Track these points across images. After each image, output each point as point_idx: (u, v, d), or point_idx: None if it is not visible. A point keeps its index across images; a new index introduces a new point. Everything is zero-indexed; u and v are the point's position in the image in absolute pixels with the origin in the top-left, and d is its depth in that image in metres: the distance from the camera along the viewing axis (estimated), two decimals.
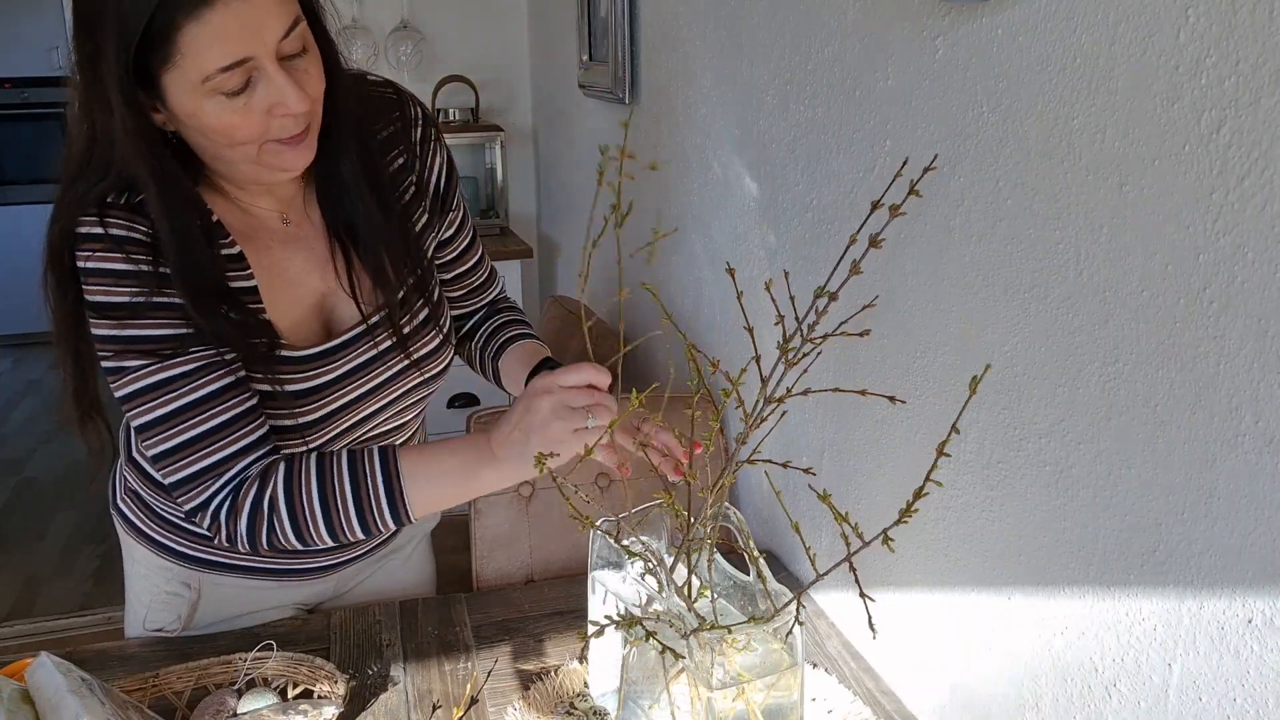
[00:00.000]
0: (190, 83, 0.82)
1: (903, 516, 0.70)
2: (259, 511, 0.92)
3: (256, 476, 0.93)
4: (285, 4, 0.84)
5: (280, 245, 1.01)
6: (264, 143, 0.88)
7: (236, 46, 0.81)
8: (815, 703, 1.02)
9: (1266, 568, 0.64)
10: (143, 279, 0.89)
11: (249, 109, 0.84)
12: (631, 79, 1.88)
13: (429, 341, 1.08)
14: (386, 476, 0.92)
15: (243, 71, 0.82)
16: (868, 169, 1.06)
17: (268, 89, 0.84)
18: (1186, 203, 0.67)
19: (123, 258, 0.88)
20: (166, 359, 0.90)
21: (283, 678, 1.01)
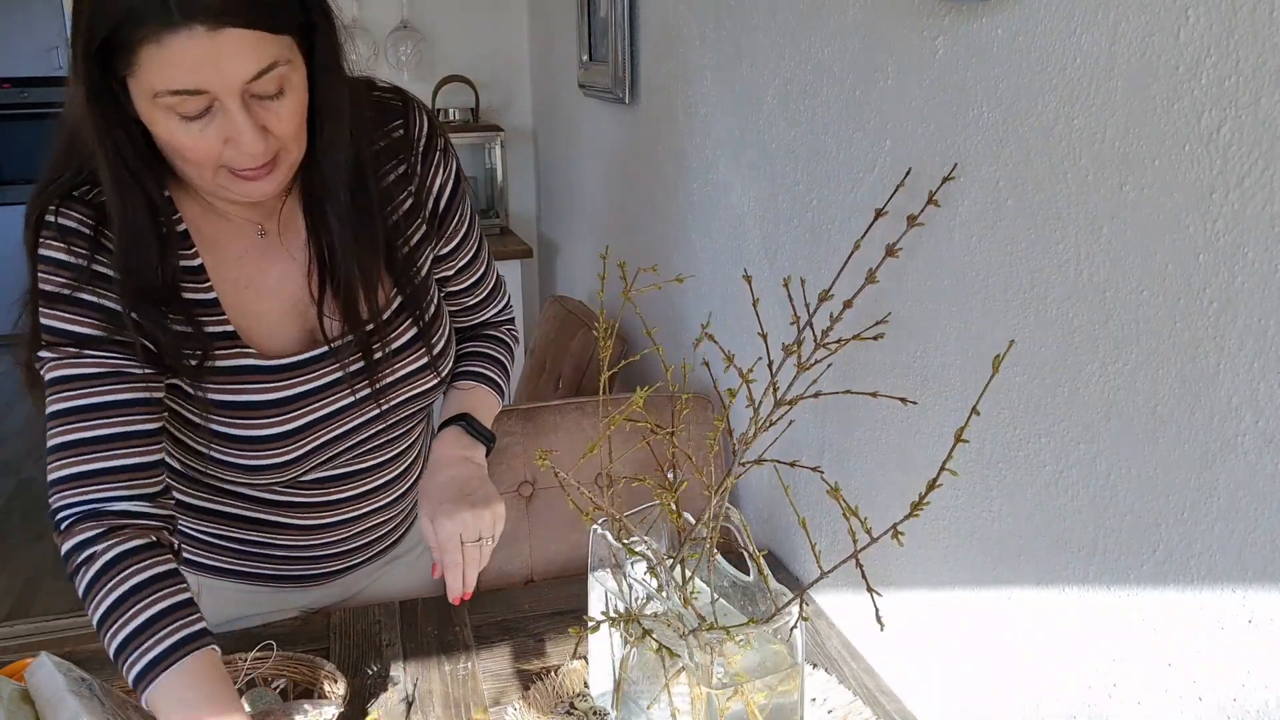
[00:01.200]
0: (145, 93, 0.80)
1: (914, 509, 0.70)
2: (79, 553, 0.87)
3: (105, 524, 0.87)
4: (260, 46, 0.79)
5: (256, 254, 0.98)
6: (220, 167, 0.85)
7: (194, 78, 0.78)
8: (815, 702, 1.02)
9: (1266, 568, 0.64)
10: (76, 272, 0.88)
11: (202, 135, 0.81)
12: (631, 79, 1.88)
13: (413, 361, 1.05)
14: (165, 654, 0.83)
15: (200, 101, 0.79)
16: (868, 169, 1.06)
17: (226, 123, 0.81)
18: (1186, 203, 0.67)
19: (64, 248, 0.88)
20: (70, 357, 0.88)
21: (283, 678, 1.01)
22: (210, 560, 1.13)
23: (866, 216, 1.07)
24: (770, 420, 0.79)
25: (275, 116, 0.83)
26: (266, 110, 0.83)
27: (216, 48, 0.77)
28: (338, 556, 1.15)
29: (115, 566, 0.86)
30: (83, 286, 0.88)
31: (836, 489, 0.75)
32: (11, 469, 3.61)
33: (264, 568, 1.13)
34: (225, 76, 0.78)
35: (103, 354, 0.89)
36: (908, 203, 1.00)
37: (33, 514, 3.27)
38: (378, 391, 1.03)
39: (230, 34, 0.77)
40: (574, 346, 2.06)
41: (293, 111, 0.85)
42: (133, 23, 0.76)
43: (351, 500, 1.11)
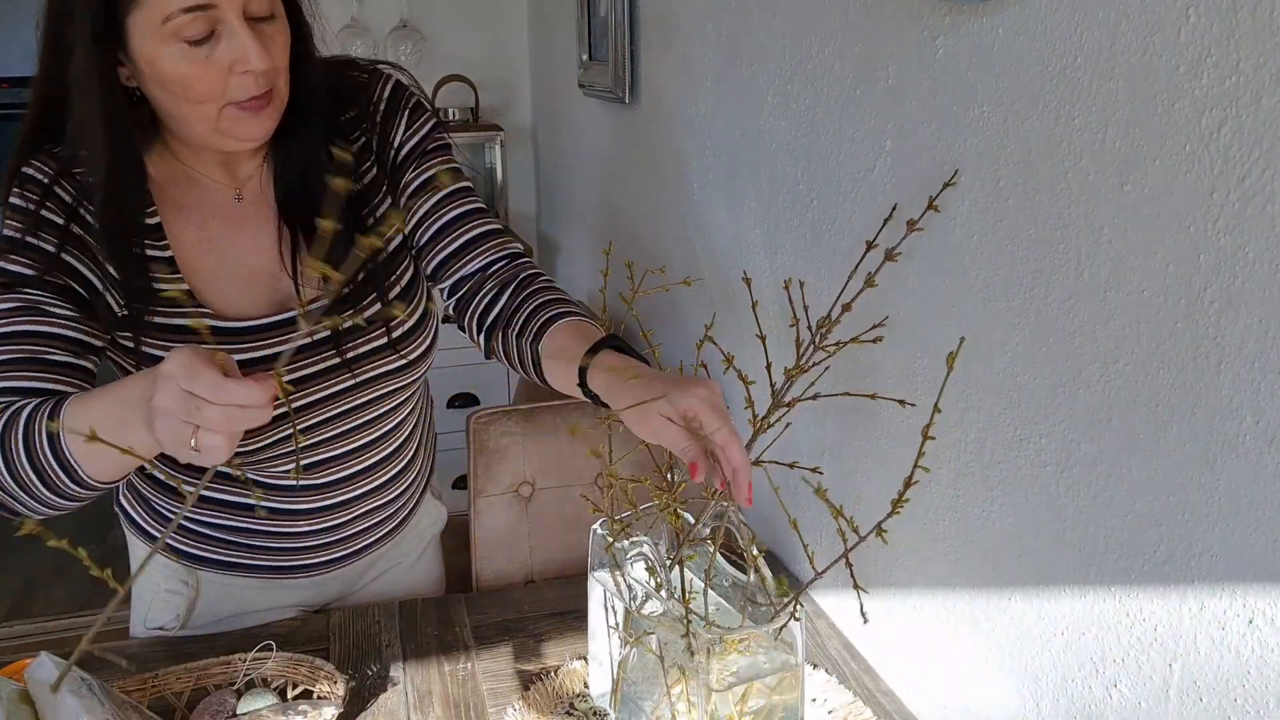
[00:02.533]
0: (153, 24, 0.83)
1: (895, 507, 0.70)
2: None
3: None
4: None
5: (224, 219, 1.00)
6: (223, 106, 0.88)
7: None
8: (815, 703, 1.02)
9: (1266, 568, 0.64)
10: (25, 215, 0.91)
11: (209, 62, 0.85)
12: (631, 79, 1.88)
13: (379, 336, 1.05)
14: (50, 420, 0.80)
15: (206, 20, 0.83)
16: (868, 169, 1.06)
17: (230, 43, 0.85)
18: (1187, 202, 0.67)
19: (19, 193, 0.92)
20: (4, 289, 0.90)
21: (282, 678, 1.01)
22: (208, 552, 1.13)
23: (866, 216, 1.08)
24: (769, 422, 0.79)
25: (271, 40, 0.88)
26: (262, 34, 0.87)
27: None
28: (333, 545, 1.15)
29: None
30: (29, 229, 0.91)
31: (821, 490, 0.75)
32: None
33: (260, 558, 1.13)
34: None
35: (27, 291, 0.90)
36: (908, 205, 1.00)
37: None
38: (347, 362, 1.03)
39: None
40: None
41: (285, 37, 0.90)
42: None
43: (342, 482, 1.11)
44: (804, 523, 1.23)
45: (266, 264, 1.01)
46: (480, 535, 1.40)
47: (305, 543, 1.13)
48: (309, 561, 1.15)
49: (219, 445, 0.70)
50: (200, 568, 1.14)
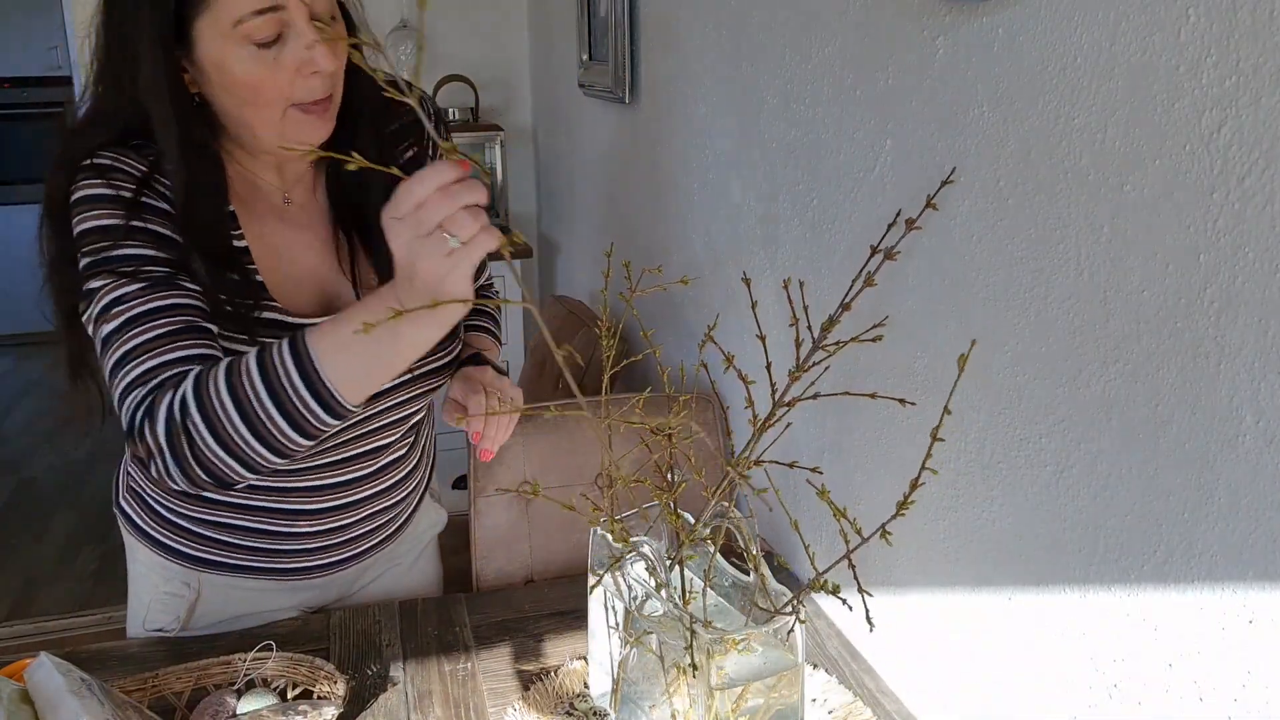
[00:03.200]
0: (222, 28, 0.84)
1: (900, 509, 0.70)
2: (172, 419, 0.81)
3: (169, 385, 0.84)
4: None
5: (278, 220, 1.02)
6: (287, 108, 0.89)
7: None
8: (815, 703, 1.02)
9: (1266, 568, 0.64)
10: (121, 204, 0.90)
11: (277, 64, 0.87)
12: (631, 79, 1.88)
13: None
14: (296, 356, 0.80)
15: (275, 21, 0.85)
16: (868, 169, 1.06)
17: (298, 45, 0.86)
18: (1187, 202, 0.67)
19: (103, 183, 0.90)
20: (123, 276, 0.88)
21: (282, 678, 1.01)
22: (210, 554, 1.13)
23: (866, 216, 1.08)
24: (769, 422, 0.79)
25: (333, 43, 0.89)
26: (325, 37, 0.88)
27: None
28: (336, 547, 1.15)
29: (201, 384, 0.82)
30: (136, 215, 0.90)
31: (824, 491, 0.75)
32: (11, 469, 3.61)
33: (262, 560, 1.13)
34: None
35: (156, 269, 0.89)
36: (908, 205, 1.00)
37: (33, 514, 3.27)
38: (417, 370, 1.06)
39: None
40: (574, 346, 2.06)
41: (342, 45, 0.90)
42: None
43: (353, 484, 1.11)
44: (804, 523, 1.23)
45: (315, 265, 1.03)
46: (480, 535, 1.39)
47: (308, 544, 1.13)
48: (310, 564, 1.15)
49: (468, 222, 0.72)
50: (202, 570, 1.14)
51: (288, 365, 0.80)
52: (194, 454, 0.81)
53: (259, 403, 0.80)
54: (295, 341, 0.81)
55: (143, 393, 0.84)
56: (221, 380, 0.81)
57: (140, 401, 0.84)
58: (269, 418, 0.80)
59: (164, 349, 0.85)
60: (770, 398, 0.80)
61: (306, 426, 0.81)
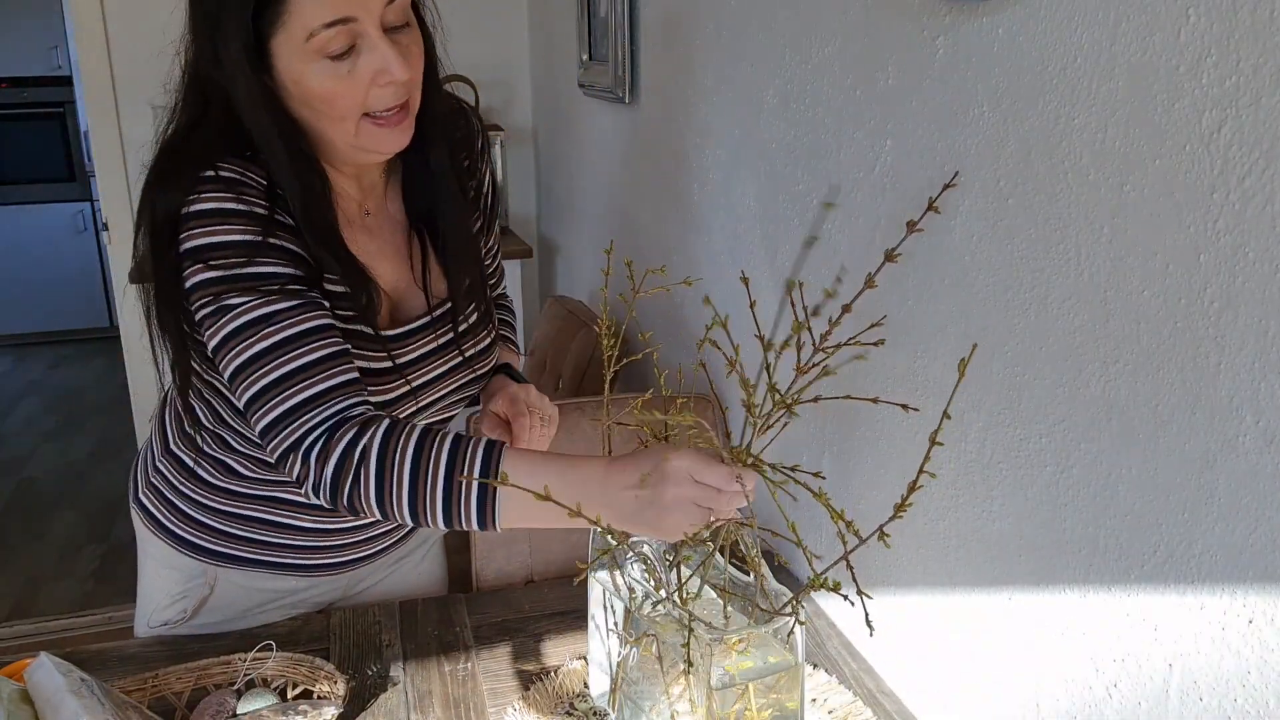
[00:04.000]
0: (297, 43, 0.85)
1: (897, 511, 0.70)
2: (349, 458, 0.85)
3: (357, 421, 0.87)
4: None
5: (356, 230, 1.02)
6: (362, 118, 0.90)
7: (341, 5, 0.84)
8: (815, 703, 1.02)
9: (1266, 568, 0.64)
10: (257, 220, 0.90)
11: (352, 76, 0.87)
12: (631, 79, 1.88)
13: (480, 340, 1.11)
14: (485, 473, 0.84)
15: (347, 34, 0.85)
16: (868, 169, 1.06)
17: (371, 56, 0.86)
18: (1187, 202, 0.67)
19: (234, 198, 0.90)
20: (268, 294, 0.89)
21: (282, 678, 1.01)
22: (228, 549, 1.12)
23: (866, 216, 1.08)
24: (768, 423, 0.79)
25: (407, 49, 0.89)
26: (398, 42, 0.88)
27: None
28: (353, 545, 1.16)
29: (389, 444, 0.85)
30: (271, 231, 0.90)
31: (822, 493, 0.75)
32: (11, 469, 3.61)
33: (279, 555, 1.13)
34: (369, 3, 0.85)
35: (297, 287, 0.91)
36: (908, 205, 1.00)
37: (33, 514, 3.27)
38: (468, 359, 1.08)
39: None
40: (574, 346, 2.06)
41: (419, 48, 0.91)
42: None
43: None
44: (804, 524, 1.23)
45: (391, 274, 1.04)
46: (480, 535, 1.39)
47: (324, 540, 1.13)
48: (325, 561, 1.15)
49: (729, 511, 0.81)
50: (218, 564, 1.14)
51: (472, 482, 0.84)
52: (350, 494, 0.86)
53: (430, 491, 0.85)
54: (489, 460, 0.84)
55: (314, 421, 0.87)
56: (409, 453, 0.85)
57: (313, 430, 0.87)
58: (430, 505, 0.85)
59: (327, 374, 0.89)
60: (770, 398, 0.80)
61: (455, 524, 0.86)
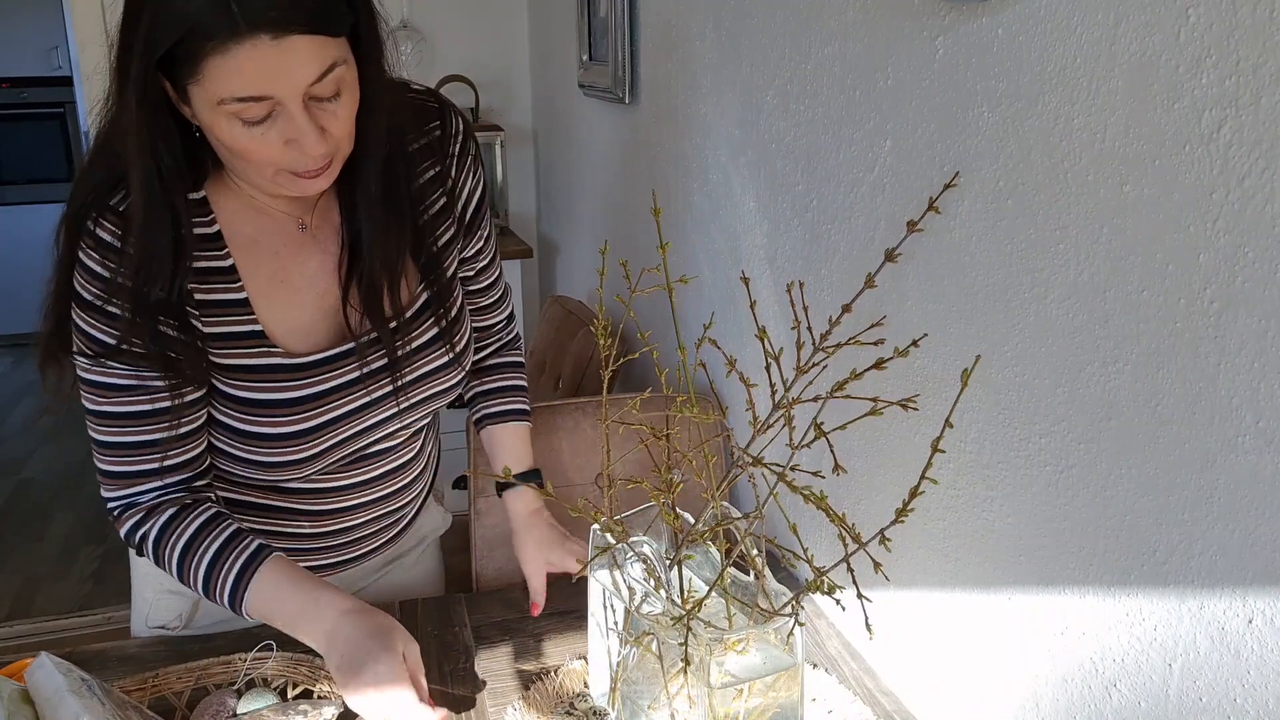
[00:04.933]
0: (209, 101, 0.82)
1: (899, 516, 0.70)
2: (133, 535, 1.00)
3: (143, 509, 0.99)
4: (321, 50, 0.81)
5: (293, 248, 1.00)
6: (279, 169, 0.87)
7: (259, 85, 0.80)
8: (815, 703, 1.02)
9: (1266, 568, 0.64)
10: (106, 284, 0.91)
11: (264, 139, 0.84)
12: (631, 79, 1.88)
13: (434, 359, 1.07)
14: (241, 573, 0.96)
15: (263, 106, 0.82)
16: (868, 169, 1.06)
17: (287, 125, 0.83)
18: (1187, 202, 0.67)
19: (99, 260, 0.91)
20: (95, 360, 0.94)
21: (282, 678, 1.01)
22: None
23: (866, 217, 1.08)
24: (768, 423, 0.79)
25: (333, 117, 0.86)
26: (324, 111, 0.85)
27: (281, 55, 0.79)
28: (338, 548, 1.15)
29: (165, 534, 0.98)
30: (110, 299, 0.91)
31: (823, 497, 0.75)
32: (11, 469, 3.61)
33: None
34: (289, 82, 0.81)
35: (124, 366, 0.94)
36: (908, 205, 1.00)
37: (33, 514, 3.27)
38: (398, 389, 1.05)
39: (294, 40, 0.79)
40: (574, 346, 2.06)
41: (348, 112, 0.87)
42: (198, 36, 0.77)
43: (360, 486, 1.11)
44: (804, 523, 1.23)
45: (330, 290, 1.02)
46: (480, 535, 1.39)
47: (308, 544, 1.13)
48: (310, 564, 1.15)
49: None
50: None
51: (229, 575, 0.97)
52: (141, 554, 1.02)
53: (192, 584, 0.99)
54: (242, 577, 0.97)
55: (109, 492, 1.00)
56: (175, 554, 0.98)
57: (111, 500, 1.00)
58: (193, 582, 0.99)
59: (129, 458, 0.98)
60: (770, 399, 0.80)
61: (214, 601, 0.99)
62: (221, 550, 0.97)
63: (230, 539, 0.98)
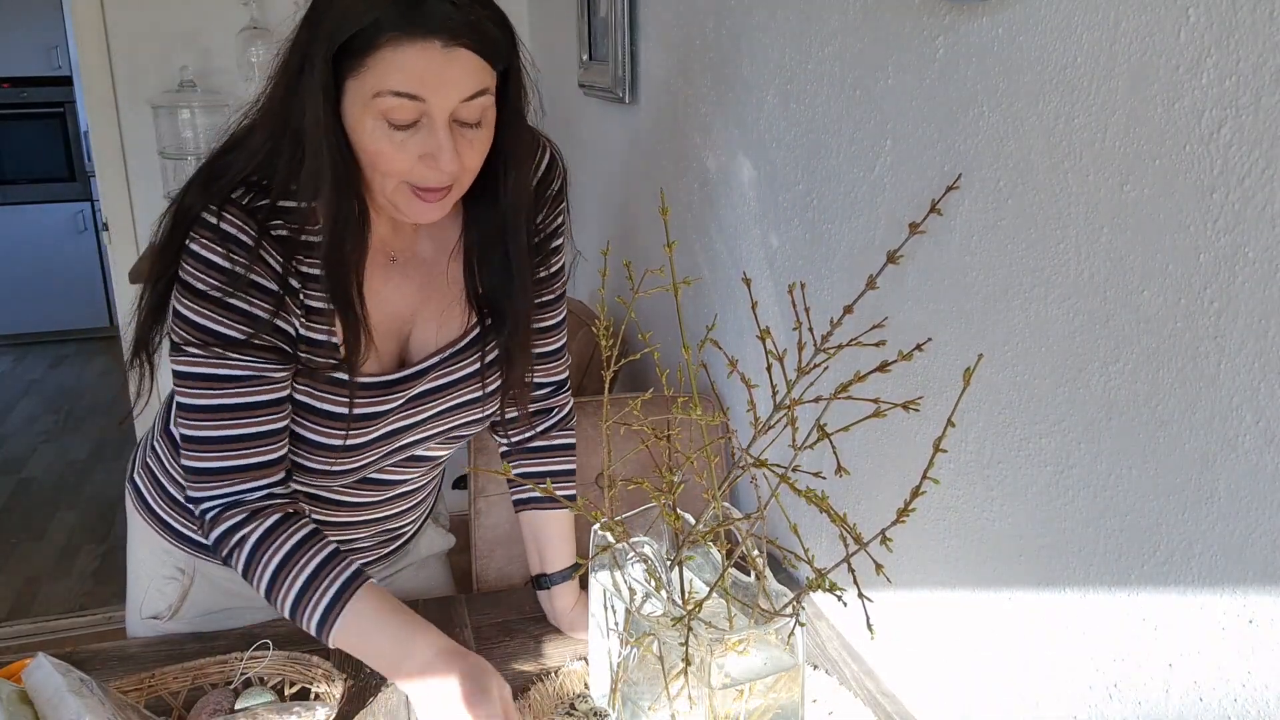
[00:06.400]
0: (365, 94, 0.85)
1: (900, 516, 0.70)
2: (229, 538, 0.96)
3: (247, 509, 0.96)
4: (480, 71, 0.86)
5: (380, 271, 1.01)
6: (402, 183, 0.89)
7: (417, 84, 0.84)
8: (816, 704, 1.02)
9: (1266, 568, 0.64)
10: (231, 278, 0.91)
11: (403, 146, 0.87)
12: (631, 79, 1.88)
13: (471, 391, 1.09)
14: (336, 598, 0.94)
15: (413, 109, 0.85)
16: (868, 169, 1.06)
17: (428, 138, 0.86)
18: (1187, 202, 0.67)
19: (222, 253, 0.91)
20: (220, 356, 0.92)
21: (279, 677, 1.01)
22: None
23: (866, 217, 1.08)
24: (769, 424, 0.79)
25: (469, 145, 0.89)
26: (463, 137, 0.88)
27: (447, 62, 0.84)
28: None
29: (266, 540, 0.95)
30: (234, 293, 0.91)
31: (824, 498, 0.75)
32: (11, 469, 3.61)
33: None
34: (445, 91, 0.85)
35: (247, 358, 0.93)
36: (908, 206, 1.00)
37: (33, 514, 3.27)
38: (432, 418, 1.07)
39: (460, 54, 0.85)
40: (574, 346, 2.06)
41: (484, 145, 0.91)
42: (376, 30, 0.83)
43: (367, 505, 1.12)
44: (804, 524, 1.23)
45: (406, 310, 1.03)
46: (480, 535, 1.39)
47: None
48: None
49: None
50: (199, 555, 1.14)
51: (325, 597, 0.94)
52: (225, 559, 0.97)
53: (283, 599, 0.95)
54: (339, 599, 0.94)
55: (217, 491, 0.96)
56: (275, 561, 0.95)
57: (213, 498, 0.96)
58: (280, 607, 0.96)
59: (243, 451, 0.95)
60: (771, 399, 0.80)
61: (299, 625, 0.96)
62: (316, 573, 0.94)
63: (326, 561, 0.95)
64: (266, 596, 0.95)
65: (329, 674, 0.99)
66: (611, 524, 0.86)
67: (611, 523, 0.86)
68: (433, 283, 1.04)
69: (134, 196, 2.84)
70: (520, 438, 1.19)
